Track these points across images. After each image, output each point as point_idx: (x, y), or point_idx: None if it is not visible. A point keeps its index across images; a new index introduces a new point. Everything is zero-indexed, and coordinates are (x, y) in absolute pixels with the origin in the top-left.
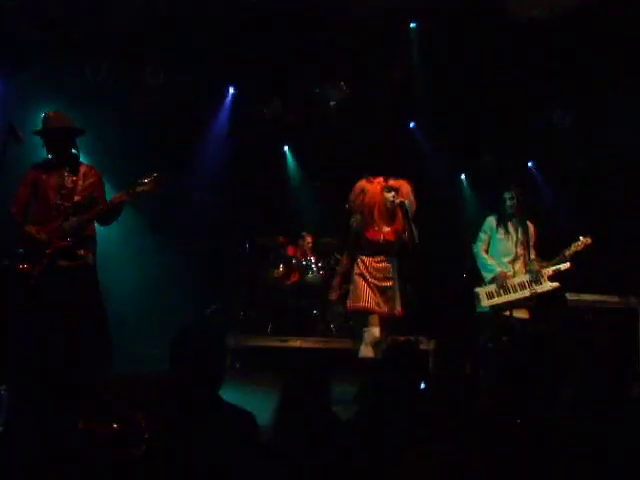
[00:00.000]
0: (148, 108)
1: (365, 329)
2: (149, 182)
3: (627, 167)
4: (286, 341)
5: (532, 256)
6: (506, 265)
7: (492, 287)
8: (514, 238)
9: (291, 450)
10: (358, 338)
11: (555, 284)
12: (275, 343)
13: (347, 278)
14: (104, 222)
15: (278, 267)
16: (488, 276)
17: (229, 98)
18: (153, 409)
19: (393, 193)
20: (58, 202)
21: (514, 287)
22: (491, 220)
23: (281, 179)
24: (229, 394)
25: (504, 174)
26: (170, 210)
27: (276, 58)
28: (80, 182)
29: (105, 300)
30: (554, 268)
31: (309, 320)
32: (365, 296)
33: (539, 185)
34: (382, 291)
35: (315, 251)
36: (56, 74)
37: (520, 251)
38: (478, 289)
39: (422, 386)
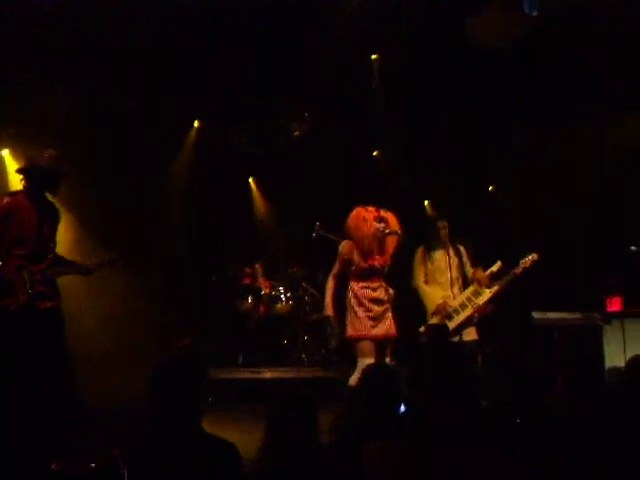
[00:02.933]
0: (115, 136)
1: (360, 358)
2: (97, 265)
3: (586, 186)
4: (258, 373)
5: (470, 275)
6: (442, 291)
7: (437, 318)
8: (446, 264)
9: None
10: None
11: (494, 288)
12: (247, 375)
13: (336, 295)
14: None
15: (247, 299)
16: (430, 307)
17: (194, 130)
18: (131, 444)
19: (383, 224)
20: (39, 246)
21: (456, 310)
22: (421, 251)
23: (246, 211)
24: (206, 429)
25: (466, 199)
26: (133, 242)
27: (240, 90)
28: (52, 227)
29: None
30: (488, 272)
31: (280, 351)
32: (365, 325)
33: (501, 208)
34: (380, 315)
35: (268, 277)
36: (19, 99)
37: (455, 274)
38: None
39: (402, 409)
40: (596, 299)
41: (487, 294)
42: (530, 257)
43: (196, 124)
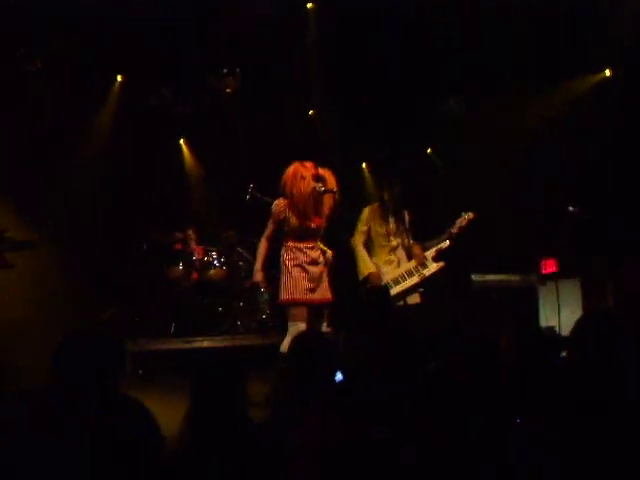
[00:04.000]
0: (24, 97)
1: (292, 323)
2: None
3: (518, 150)
4: (191, 342)
5: (411, 242)
6: (387, 255)
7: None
8: (393, 227)
9: (200, 460)
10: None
11: (440, 264)
12: (179, 345)
13: (268, 261)
14: None
15: (178, 265)
16: (363, 272)
17: (117, 86)
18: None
19: (320, 183)
20: None
21: (402, 276)
22: (368, 211)
23: (178, 173)
24: None
25: (403, 162)
26: (55, 210)
27: (166, 45)
28: None
29: None
30: (436, 248)
31: (214, 318)
32: (301, 288)
33: (437, 172)
34: (317, 278)
35: (202, 244)
36: None
37: (399, 239)
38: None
39: (339, 377)
40: (532, 261)
41: (434, 267)
42: (466, 216)
43: (119, 79)
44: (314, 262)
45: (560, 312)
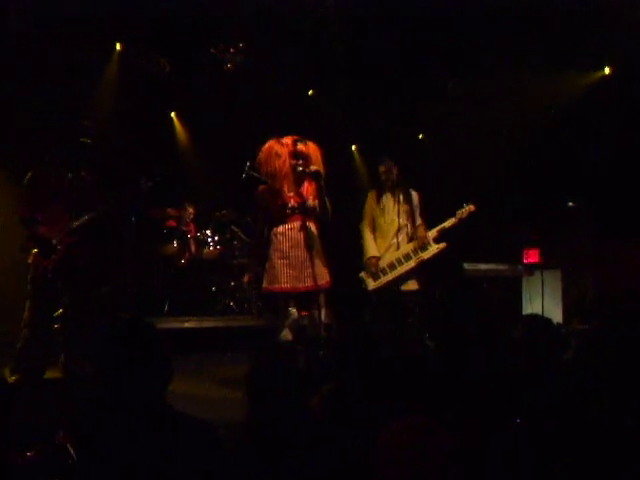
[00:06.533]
0: (17, 60)
1: (284, 310)
2: None
3: (516, 135)
4: (184, 322)
5: (417, 223)
6: (390, 238)
7: (365, 274)
8: (395, 209)
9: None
10: (279, 317)
11: (441, 245)
12: (173, 324)
13: (260, 258)
14: None
15: (172, 243)
16: (366, 254)
17: (116, 56)
18: (82, 427)
19: (301, 161)
20: None
21: (399, 260)
22: (371, 195)
23: (169, 147)
24: None
25: (394, 145)
26: None
27: (168, 15)
28: None
29: None
30: (438, 228)
31: (207, 298)
32: (282, 276)
33: (431, 156)
34: (301, 262)
35: (197, 222)
36: None
37: (403, 222)
38: (363, 274)
39: None
40: (514, 251)
41: (434, 249)
42: (467, 208)
43: (118, 47)
44: (297, 245)
45: (544, 301)
